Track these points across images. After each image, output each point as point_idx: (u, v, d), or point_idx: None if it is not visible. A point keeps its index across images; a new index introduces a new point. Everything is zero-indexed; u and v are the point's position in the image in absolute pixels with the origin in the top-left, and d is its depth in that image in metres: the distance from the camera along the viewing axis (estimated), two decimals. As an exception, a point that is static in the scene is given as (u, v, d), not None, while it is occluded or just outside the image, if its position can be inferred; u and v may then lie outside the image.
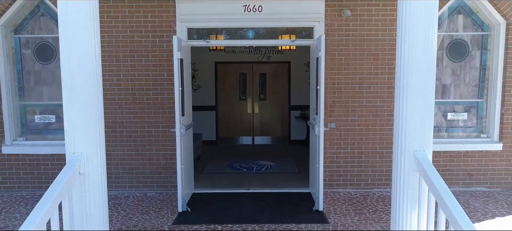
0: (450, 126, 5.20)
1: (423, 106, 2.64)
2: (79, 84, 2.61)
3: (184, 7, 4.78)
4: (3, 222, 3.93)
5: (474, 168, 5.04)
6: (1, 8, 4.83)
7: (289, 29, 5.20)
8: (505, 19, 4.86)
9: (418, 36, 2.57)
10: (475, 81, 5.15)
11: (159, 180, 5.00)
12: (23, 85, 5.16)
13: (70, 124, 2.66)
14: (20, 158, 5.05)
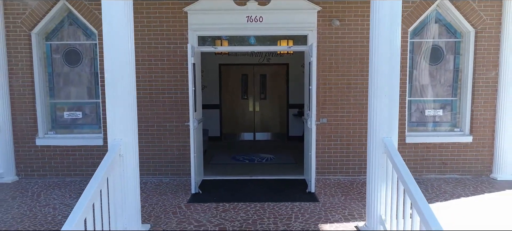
0: (427, 121, 5.92)
1: (389, 102, 3.37)
2: (119, 83, 3.36)
3: (195, 18, 5.50)
4: (44, 201, 4.65)
5: (448, 158, 5.76)
6: (36, 18, 5.56)
7: (286, 35, 5.91)
8: (474, 27, 5.58)
9: (384, 50, 3.31)
10: (449, 81, 5.87)
11: (173, 168, 5.73)
12: (53, 86, 5.89)
13: (112, 116, 3.40)
14: (51, 149, 5.77)
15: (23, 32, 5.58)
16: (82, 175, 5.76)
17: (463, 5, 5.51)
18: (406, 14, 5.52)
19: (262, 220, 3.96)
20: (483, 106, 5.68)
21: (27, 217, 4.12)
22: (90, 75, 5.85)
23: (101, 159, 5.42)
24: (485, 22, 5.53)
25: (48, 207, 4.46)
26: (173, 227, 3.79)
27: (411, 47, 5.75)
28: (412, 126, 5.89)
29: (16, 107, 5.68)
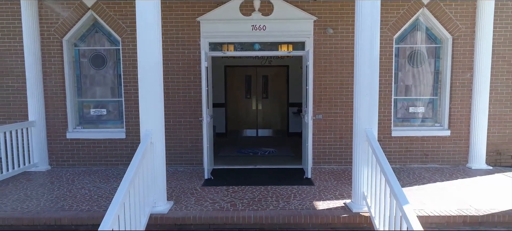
0: (411, 117, 6.69)
1: (369, 99, 4.14)
2: (150, 81, 4.13)
3: (206, 26, 6.28)
4: (79, 185, 5.43)
5: (429, 150, 6.53)
6: (67, 27, 6.34)
7: (286, 41, 6.68)
8: (451, 35, 6.34)
9: (364, 57, 4.07)
10: (430, 82, 6.64)
11: (187, 158, 6.50)
12: (81, 86, 6.67)
13: (144, 110, 4.17)
14: (80, 142, 6.56)
15: (55, 39, 6.36)
16: (106, 164, 6.55)
17: (441, 15, 6.28)
18: (392, 23, 6.30)
19: (266, 199, 4.73)
20: (459, 104, 6.45)
21: (69, 196, 4.89)
22: (114, 76, 6.64)
23: (123, 151, 6.30)
24: (461, 30, 6.30)
25: (83, 189, 5.23)
26: (192, 204, 4.56)
27: (396, 52, 6.53)
28: (397, 122, 6.66)
29: (49, 105, 6.46)
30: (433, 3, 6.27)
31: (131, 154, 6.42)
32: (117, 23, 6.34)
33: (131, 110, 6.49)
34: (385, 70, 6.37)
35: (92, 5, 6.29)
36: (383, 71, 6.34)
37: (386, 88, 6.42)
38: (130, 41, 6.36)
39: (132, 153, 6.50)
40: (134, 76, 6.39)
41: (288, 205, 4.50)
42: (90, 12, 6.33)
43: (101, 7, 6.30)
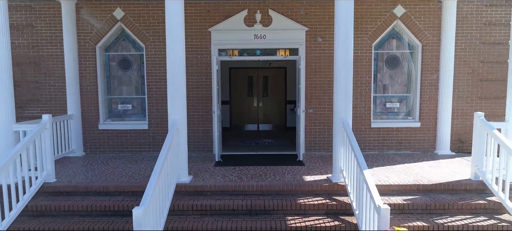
0: (388, 111, 7.93)
1: (345, 95, 5.36)
2: (176, 78, 5.36)
3: (216, 36, 7.53)
4: (113, 165, 6.68)
5: (403, 139, 7.77)
6: (99, 36, 7.60)
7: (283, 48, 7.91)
8: (421, 42, 7.58)
9: (341, 61, 5.30)
10: (404, 82, 7.88)
11: (199, 146, 7.75)
12: (110, 85, 7.93)
13: (171, 102, 5.41)
14: (109, 132, 7.81)
15: (90, 46, 7.62)
16: (131, 151, 7.80)
17: (412, 26, 7.52)
18: (371, 33, 7.54)
19: (265, 174, 5.97)
20: (428, 100, 7.69)
21: (107, 173, 6.14)
22: (138, 77, 7.89)
23: (145, 140, 7.53)
24: (429, 39, 7.54)
25: (117, 168, 6.48)
26: (207, 177, 5.81)
27: (375, 56, 7.77)
28: (376, 115, 7.91)
29: (84, 101, 7.72)
30: (405, 16, 7.51)
31: (153, 142, 7.71)
32: (141, 33, 7.59)
33: (152, 106, 7.75)
34: (365, 72, 7.62)
35: (121, 18, 7.54)
36: (364, 73, 7.60)
37: (366, 87, 7.67)
38: (152, 48, 7.61)
39: (153, 142, 7.77)
40: (155, 77, 7.64)
41: (283, 178, 5.75)
42: (119, 23, 7.58)
43: (128, 19, 7.55)
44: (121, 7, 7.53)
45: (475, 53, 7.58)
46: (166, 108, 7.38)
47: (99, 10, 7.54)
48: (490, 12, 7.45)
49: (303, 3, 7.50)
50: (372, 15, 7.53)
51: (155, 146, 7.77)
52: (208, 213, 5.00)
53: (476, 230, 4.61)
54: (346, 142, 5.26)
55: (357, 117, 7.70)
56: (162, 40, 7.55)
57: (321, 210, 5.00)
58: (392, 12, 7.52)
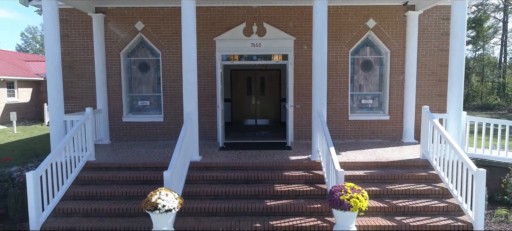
0: (363, 106, 9.50)
1: (321, 92, 6.94)
2: (190, 79, 6.93)
3: (220, 44, 9.10)
4: (136, 150, 8.25)
5: (375, 129, 9.33)
6: (123, 44, 9.18)
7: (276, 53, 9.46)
8: (389, 49, 9.15)
9: (317, 65, 6.87)
10: (376, 82, 9.44)
11: (206, 135, 9.32)
12: (131, 85, 9.50)
13: (186, 98, 6.99)
14: (131, 124, 9.39)
15: (116, 52, 9.20)
16: (149, 139, 9.38)
17: (382, 36, 9.09)
18: (348, 41, 9.11)
19: (259, 155, 7.54)
20: (395, 97, 9.25)
21: (134, 154, 7.71)
22: (154, 78, 9.47)
23: (161, 130, 9.16)
24: (396, 46, 9.11)
25: (140, 152, 8.05)
26: (214, 157, 7.38)
27: (352, 61, 9.33)
28: (353, 110, 9.47)
29: (110, 98, 9.30)
30: (376, 27, 9.08)
31: (167, 132, 9.29)
32: (158, 41, 9.17)
33: (167, 102, 9.32)
34: (343, 74, 9.19)
35: (141, 29, 9.13)
36: (342, 75, 9.17)
37: (344, 86, 9.24)
38: (167, 54, 9.20)
39: (167, 132, 9.35)
40: (169, 78, 9.22)
41: (273, 158, 7.32)
42: (140, 34, 9.17)
43: (147, 31, 9.14)
44: (142, 20, 9.11)
45: (434, 58, 9.14)
46: (178, 104, 9.03)
47: (123, 22, 9.13)
48: (446, 24, 9.01)
49: (291, 17, 9.07)
50: (349, 27, 9.10)
51: (169, 135, 9.34)
52: (215, 182, 6.58)
53: (414, 193, 6.19)
54: (320, 129, 6.82)
55: (337, 111, 9.27)
56: (175, 48, 9.13)
57: (301, 180, 6.57)
58: (365, 24, 9.09)
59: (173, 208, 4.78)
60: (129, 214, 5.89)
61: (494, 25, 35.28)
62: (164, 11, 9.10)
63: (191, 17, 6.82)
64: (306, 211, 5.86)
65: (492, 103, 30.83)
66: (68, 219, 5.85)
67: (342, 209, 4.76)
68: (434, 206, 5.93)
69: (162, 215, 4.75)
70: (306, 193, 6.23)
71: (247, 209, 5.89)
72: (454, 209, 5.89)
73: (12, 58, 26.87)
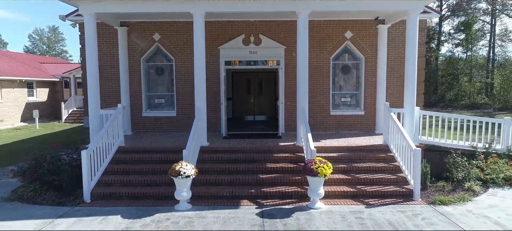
0: (342, 104, 11.36)
1: (303, 91, 8.83)
2: (200, 80, 8.83)
3: (223, 51, 10.98)
4: (155, 141, 10.12)
5: (353, 123, 11.19)
6: (143, 51, 11.07)
7: (271, 59, 11.31)
8: (364, 56, 11.01)
9: (301, 69, 8.76)
10: (354, 83, 11.30)
11: (212, 127, 11.16)
12: (149, 86, 11.39)
13: (198, 95, 8.89)
14: (149, 118, 11.28)
15: (136, 59, 11.09)
16: (164, 131, 11.26)
17: (357, 45, 10.95)
18: (329, 49, 10.97)
19: (255, 142, 9.39)
20: (369, 96, 11.11)
21: (154, 141, 9.58)
22: (169, 80, 11.36)
23: (174, 123, 11.18)
24: (369, 54, 10.97)
25: (158, 139, 9.92)
26: (218, 143, 9.26)
27: (333, 66, 11.19)
28: (334, 106, 11.33)
29: (132, 97, 11.18)
30: (352, 38, 10.94)
31: (179, 125, 11.17)
32: (172, 50, 11.06)
33: (179, 100, 11.20)
34: (326, 77, 11.05)
35: (158, 40, 11.02)
36: (325, 77, 11.03)
37: (327, 87, 11.10)
38: (179, 60, 11.07)
39: (179, 124, 11.22)
40: (181, 80, 11.09)
41: (266, 144, 9.19)
42: (156, 43, 11.06)
43: (163, 41, 11.03)
44: (158, 32, 11.00)
45: (401, 64, 10.99)
46: (188, 102, 10.91)
47: (143, 34, 11.01)
48: (411, 35, 10.83)
49: (282, 30, 10.94)
50: (330, 37, 10.96)
51: (180, 128, 11.22)
52: (220, 161, 8.45)
53: (374, 169, 8.05)
54: (303, 121, 8.68)
55: (320, 108, 11.13)
56: (186, 55, 11.01)
57: (287, 159, 8.44)
58: (344, 35, 10.95)
59: (191, 175, 6.67)
60: (155, 184, 7.77)
61: (482, 28, 37.07)
62: (177, 25, 10.98)
63: (201, 32, 8.68)
64: (289, 181, 7.74)
65: (480, 102, 32.66)
66: (109, 187, 7.73)
67: (312, 175, 6.63)
68: (387, 178, 7.80)
69: (183, 179, 6.64)
70: (290, 169, 8.11)
71: (245, 181, 7.77)
72: (402, 181, 7.76)
73: (29, 60, 28.83)
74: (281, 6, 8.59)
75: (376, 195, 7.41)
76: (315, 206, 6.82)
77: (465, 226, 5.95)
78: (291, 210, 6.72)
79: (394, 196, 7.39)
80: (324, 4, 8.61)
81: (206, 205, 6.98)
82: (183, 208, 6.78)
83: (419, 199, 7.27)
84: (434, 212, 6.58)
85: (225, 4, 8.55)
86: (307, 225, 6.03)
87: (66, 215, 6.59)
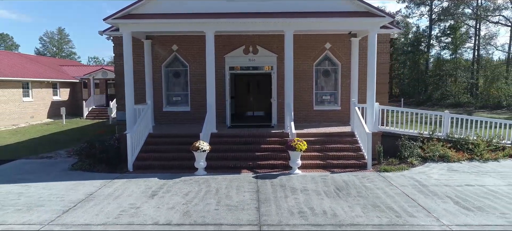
0: (324, 101, 14.13)
1: (289, 90, 11.62)
2: (210, 81, 11.64)
3: (228, 59, 13.77)
4: (175, 129, 12.90)
5: (332, 116, 13.95)
6: (163, 59, 13.88)
7: (267, 65, 14.06)
8: (340, 62, 13.78)
9: (287, 75, 11.55)
10: (332, 84, 14.07)
11: (218, 119, 13.85)
12: (168, 86, 14.20)
13: (209, 93, 11.70)
14: (168, 112, 14.08)
15: (158, 65, 13.90)
16: (180, 123, 14.06)
17: (335, 54, 13.72)
18: (312, 57, 13.74)
19: (253, 130, 12.18)
20: (344, 94, 13.87)
21: (174, 130, 12.36)
22: (184, 82, 14.16)
23: (188, 117, 14.18)
24: (344, 60, 13.73)
25: (177, 129, 12.70)
26: (224, 131, 12.03)
27: (316, 70, 13.95)
28: (317, 103, 14.10)
29: (155, 95, 13.98)
30: (331, 48, 13.71)
31: (192, 118, 13.98)
32: (187, 57, 13.86)
33: (193, 98, 14.00)
34: (310, 79, 13.81)
35: (175, 50, 13.83)
36: (309, 80, 13.80)
37: (311, 87, 13.86)
38: (193, 66, 13.87)
39: (193, 118, 14.02)
40: (194, 82, 13.87)
41: (262, 131, 11.97)
42: (174, 53, 13.86)
43: (179, 50, 13.83)
44: (176, 43, 13.80)
45: (370, 69, 13.71)
46: (200, 99, 13.71)
47: (163, 45, 13.82)
48: (379, 46, 13.55)
49: (275, 41, 13.70)
50: (313, 47, 13.72)
51: (193, 121, 13.98)
52: (225, 143, 11.22)
53: (341, 149, 10.81)
54: (289, 113, 11.44)
55: (306, 104, 13.89)
56: (198, 62, 13.79)
57: (276, 142, 11.21)
58: (324, 46, 13.71)
59: (206, 150, 9.47)
60: (179, 159, 10.54)
61: (467, 31, 39.73)
62: (191, 37, 13.78)
63: (211, 46, 11.45)
64: (277, 157, 10.51)
65: (463, 101, 35.34)
66: (145, 161, 10.53)
67: (292, 150, 9.41)
68: (350, 155, 10.56)
69: (200, 153, 9.43)
70: (279, 149, 10.88)
71: (245, 157, 10.54)
72: (361, 157, 10.52)
73: (51, 64, 31.80)
74: (272, 26, 11.36)
75: (340, 166, 10.17)
76: (294, 172, 9.59)
77: (393, 182, 8.71)
78: (277, 175, 9.50)
79: (353, 167, 10.15)
80: (303, 25, 11.37)
81: (217, 172, 9.76)
82: (201, 174, 9.57)
83: (371, 169, 10.03)
84: (378, 176, 9.34)
85: (230, 25, 11.33)
86: (287, 183, 8.80)
87: (118, 178, 9.39)
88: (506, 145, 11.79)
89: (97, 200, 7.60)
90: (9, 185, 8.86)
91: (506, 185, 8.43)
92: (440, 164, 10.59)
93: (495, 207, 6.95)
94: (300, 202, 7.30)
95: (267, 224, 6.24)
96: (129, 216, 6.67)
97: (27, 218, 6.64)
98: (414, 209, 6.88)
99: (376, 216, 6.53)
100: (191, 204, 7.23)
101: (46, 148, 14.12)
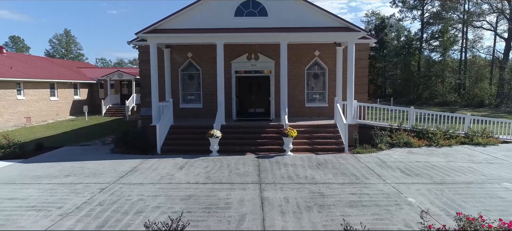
0: (314, 99, 16.89)
1: (284, 91, 14.41)
2: (220, 83, 14.45)
3: (234, 65, 16.56)
4: (191, 123, 15.69)
5: (321, 112, 16.71)
6: (180, 64, 16.68)
7: (266, 69, 16.82)
8: (327, 67, 16.54)
9: (283, 78, 14.35)
10: (321, 85, 16.83)
11: (226, 114, 16.70)
12: (184, 87, 16.99)
13: (219, 93, 14.51)
14: (184, 109, 16.87)
15: (176, 69, 16.69)
16: (194, 118, 16.84)
17: (323, 59, 16.48)
18: (304, 62, 16.52)
19: (254, 123, 14.94)
20: (331, 94, 16.62)
21: (191, 122, 15.14)
22: (197, 84, 16.95)
23: (201, 112, 17.07)
24: (330, 66, 16.49)
25: (193, 122, 15.48)
26: (231, 122, 14.80)
27: (307, 74, 16.72)
28: (308, 101, 16.86)
29: (173, 95, 16.78)
30: (320, 55, 16.47)
31: (204, 114, 16.79)
32: (199, 62, 16.65)
33: (205, 97, 16.78)
34: (302, 81, 16.58)
35: (190, 56, 16.62)
36: (301, 82, 16.57)
37: (303, 88, 16.61)
38: (204, 70, 16.66)
39: (205, 113, 16.82)
40: (206, 83, 16.65)
41: (262, 123, 14.74)
42: (189, 59, 16.65)
43: (193, 57, 16.62)
44: (191, 51, 16.59)
45: (352, 72, 16.46)
46: (210, 98, 16.50)
47: (180, 53, 16.60)
48: (359, 54, 16.32)
49: (273, 49, 16.47)
50: (305, 54, 16.48)
51: (205, 116, 16.75)
52: (233, 133, 13.99)
53: (325, 137, 13.57)
54: (283, 109, 14.21)
55: (298, 102, 16.65)
56: (209, 66, 16.56)
57: (273, 132, 13.98)
58: (313, 53, 16.48)
59: (219, 136, 12.26)
60: (196, 144, 13.33)
61: (454, 34, 42.42)
62: (204, 46, 16.56)
63: (221, 55, 14.22)
64: (274, 143, 13.29)
65: (450, 100, 38.03)
66: (170, 146, 13.31)
67: (285, 136, 12.19)
68: (332, 142, 13.34)
69: (214, 139, 12.22)
70: (275, 137, 13.65)
71: (248, 143, 13.32)
72: (340, 143, 13.29)
73: (70, 66, 34.71)
74: (270, 39, 14.16)
75: (323, 150, 12.93)
76: (287, 154, 12.36)
77: (361, 160, 11.47)
78: (273, 156, 12.27)
79: (333, 151, 12.92)
80: (295, 38, 14.16)
81: (227, 154, 12.53)
82: (215, 155, 12.34)
83: (347, 152, 12.79)
84: (351, 156, 12.10)
85: (236, 38, 14.10)
86: (281, 160, 11.56)
87: (151, 158, 12.17)
88: (460, 135, 14.54)
89: (141, 171, 10.39)
90: (69, 162, 11.66)
91: (445, 161, 11.18)
92: (404, 149, 13.33)
93: (428, 174, 9.71)
94: (290, 172, 10.07)
95: (265, 183, 9.01)
96: (168, 178, 9.46)
97: (96, 180, 9.43)
98: (370, 175, 9.64)
99: (342, 179, 9.30)
100: (211, 173, 10.01)
101: (83, 138, 16.92)
